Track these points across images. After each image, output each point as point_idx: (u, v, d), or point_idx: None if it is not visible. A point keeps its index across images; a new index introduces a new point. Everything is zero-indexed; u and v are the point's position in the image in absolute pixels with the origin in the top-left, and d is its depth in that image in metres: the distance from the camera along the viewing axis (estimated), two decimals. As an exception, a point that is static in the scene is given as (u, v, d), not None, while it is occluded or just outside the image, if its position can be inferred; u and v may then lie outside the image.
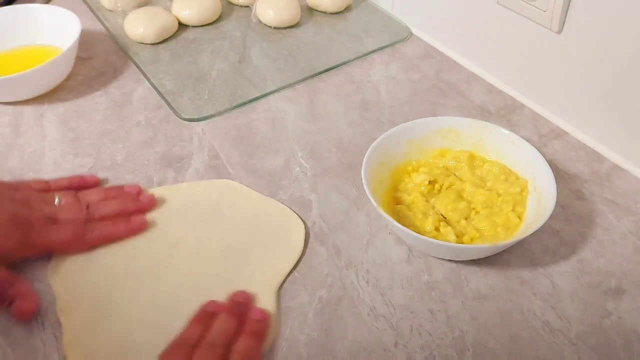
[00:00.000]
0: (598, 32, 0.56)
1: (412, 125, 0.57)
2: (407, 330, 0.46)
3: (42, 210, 0.50)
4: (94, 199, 0.53)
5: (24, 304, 0.46)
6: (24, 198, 0.50)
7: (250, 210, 0.56)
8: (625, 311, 0.47)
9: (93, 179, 0.57)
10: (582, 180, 0.58)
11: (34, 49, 0.74)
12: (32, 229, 0.48)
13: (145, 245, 0.52)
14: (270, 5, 0.80)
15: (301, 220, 0.54)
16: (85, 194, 0.54)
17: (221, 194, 0.57)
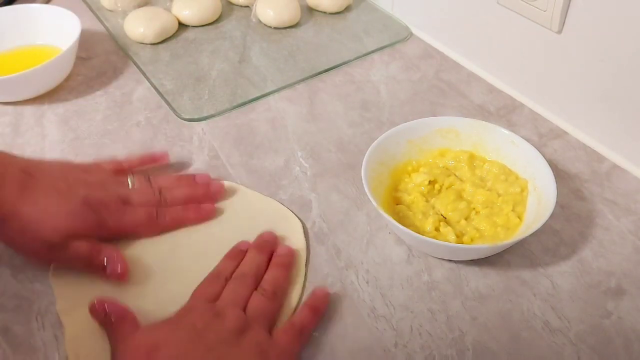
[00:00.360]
0: (598, 32, 0.56)
1: (412, 125, 0.57)
2: (407, 330, 0.46)
3: (117, 192, 0.51)
4: (165, 185, 0.54)
5: (117, 266, 0.48)
6: (98, 180, 0.51)
7: (250, 210, 0.56)
8: (625, 311, 0.47)
9: (164, 155, 0.59)
10: (582, 180, 0.58)
11: (34, 49, 0.74)
12: (107, 211, 0.49)
13: (148, 246, 0.52)
14: (270, 5, 0.80)
15: (299, 221, 0.54)
16: (157, 179, 0.55)
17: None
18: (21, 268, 0.51)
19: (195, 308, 0.44)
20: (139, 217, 0.51)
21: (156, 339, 0.41)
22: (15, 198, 0.46)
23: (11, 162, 0.48)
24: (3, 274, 0.50)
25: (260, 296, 0.46)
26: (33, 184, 0.47)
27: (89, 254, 0.48)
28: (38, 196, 0.47)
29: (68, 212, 0.47)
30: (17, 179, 0.47)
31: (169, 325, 0.42)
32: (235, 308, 0.44)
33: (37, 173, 0.48)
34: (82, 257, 0.48)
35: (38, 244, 0.47)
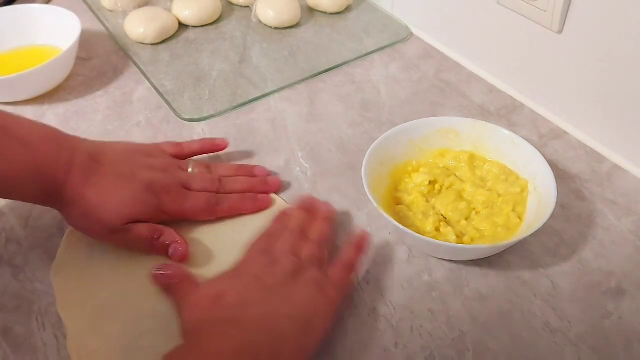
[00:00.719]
0: (598, 32, 0.56)
1: (412, 125, 0.57)
2: (407, 330, 0.46)
3: (178, 176, 0.53)
4: (224, 173, 0.56)
5: (178, 248, 0.50)
6: (159, 164, 0.53)
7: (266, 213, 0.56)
8: (625, 311, 0.47)
9: (223, 143, 0.60)
10: (582, 180, 0.58)
11: (34, 49, 0.74)
12: (168, 196, 0.51)
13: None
14: (270, 5, 0.80)
15: None
16: (216, 167, 0.57)
17: None
18: (21, 268, 0.51)
19: (251, 258, 0.47)
20: (198, 202, 0.52)
21: (219, 289, 0.43)
22: (81, 183, 0.47)
23: (79, 147, 0.49)
24: (3, 274, 0.50)
25: (309, 244, 0.48)
26: (98, 169, 0.49)
27: (150, 236, 0.49)
28: (102, 182, 0.48)
29: (130, 197, 0.49)
30: (84, 164, 0.48)
31: (228, 276, 0.45)
32: (289, 254, 0.46)
33: (103, 158, 0.50)
34: (144, 240, 0.49)
35: (100, 228, 0.48)
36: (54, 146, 0.48)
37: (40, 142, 0.47)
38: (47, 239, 0.53)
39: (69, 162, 0.47)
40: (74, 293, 0.49)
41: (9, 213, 0.56)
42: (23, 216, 0.55)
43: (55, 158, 0.47)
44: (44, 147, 0.47)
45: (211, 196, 0.53)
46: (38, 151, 0.46)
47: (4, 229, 0.54)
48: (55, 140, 0.48)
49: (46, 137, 0.48)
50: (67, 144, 0.49)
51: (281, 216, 0.52)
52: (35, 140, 0.47)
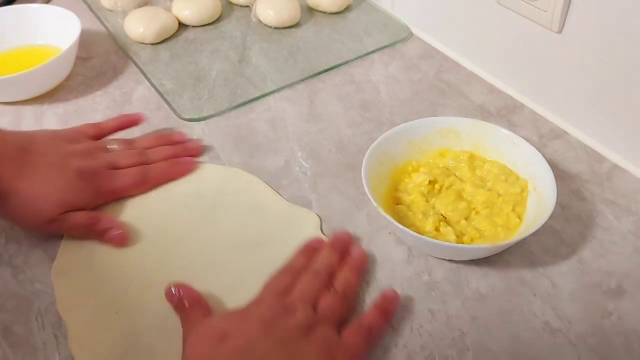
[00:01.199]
0: (598, 32, 0.56)
1: (412, 125, 0.57)
2: (407, 330, 0.46)
3: (104, 158, 0.54)
4: (146, 145, 0.58)
5: (114, 232, 0.51)
6: (84, 149, 0.54)
7: (258, 202, 0.56)
8: (626, 311, 0.47)
9: (138, 116, 0.61)
10: (582, 180, 0.58)
11: (34, 49, 0.74)
12: (99, 179, 0.52)
13: (152, 239, 0.52)
14: (270, 5, 0.80)
15: (314, 213, 0.55)
16: (137, 141, 0.59)
17: (226, 182, 0.58)
18: (21, 268, 0.51)
19: (266, 300, 0.44)
20: (129, 179, 0.54)
21: (226, 328, 0.41)
22: (13, 175, 0.48)
23: (7, 139, 0.50)
24: (3, 274, 0.50)
25: (331, 296, 0.45)
26: (29, 160, 0.49)
27: (87, 223, 0.51)
28: (35, 172, 0.49)
29: (65, 186, 0.50)
30: (14, 156, 0.48)
31: (239, 315, 0.43)
32: (306, 304, 0.44)
33: (32, 148, 0.50)
34: (81, 227, 0.51)
35: (37, 219, 0.49)
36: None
37: None
38: (47, 239, 0.53)
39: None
40: (74, 293, 0.48)
41: (9, 213, 0.56)
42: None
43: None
44: None
45: (139, 169, 0.55)
46: None
47: (4, 229, 0.54)
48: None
49: None
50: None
51: (308, 249, 0.50)
52: None
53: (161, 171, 0.56)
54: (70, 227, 0.51)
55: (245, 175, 0.59)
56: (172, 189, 0.57)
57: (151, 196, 0.56)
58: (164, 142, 0.60)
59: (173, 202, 0.56)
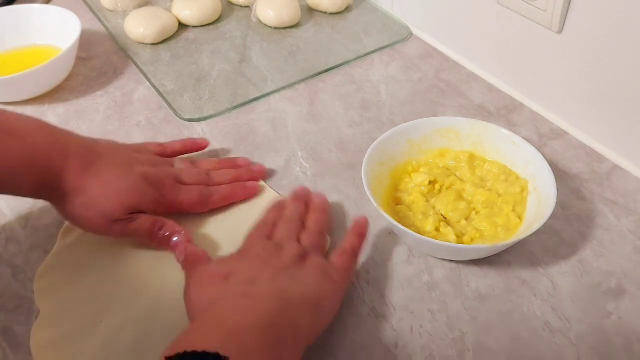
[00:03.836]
0: (598, 32, 0.56)
1: (412, 125, 0.57)
2: (407, 330, 0.46)
3: (169, 171, 0.53)
4: (210, 167, 0.57)
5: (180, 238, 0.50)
6: (149, 159, 0.53)
7: (256, 201, 0.56)
8: (625, 311, 0.47)
9: (204, 142, 0.60)
10: (582, 180, 0.58)
11: (34, 49, 0.74)
12: (164, 188, 0.51)
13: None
14: (270, 5, 0.80)
15: None
16: (201, 162, 0.57)
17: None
18: (21, 268, 0.51)
19: (256, 243, 0.47)
20: (192, 195, 0.53)
21: (228, 268, 0.44)
22: (81, 172, 0.47)
23: (73, 138, 0.49)
24: (3, 274, 0.50)
25: (309, 233, 0.49)
26: (95, 159, 0.48)
27: (152, 227, 0.49)
28: (101, 171, 0.48)
29: (130, 187, 0.49)
30: (80, 155, 0.47)
31: (233, 258, 0.46)
32: (291, 240, 0.47)
33: (98, 148, 0.49)
34: (145, 231, 0.49)
35: (101, 218, 0.48)
36: (47, 136, 0.47)
37: (33, 133, 0.46)
38: (47, 239, 0.53)
39: (64, 151, 0.47)
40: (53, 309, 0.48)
41: (9, 213, 0.56)
42: (23, 216, 0.55)
43: (49, 148, 0.46)
44: (37, 138, 0.46)
45: (203, 188, 0.54)
46: (31, 142, 0.45)
47: (4, 229, 0.54)
48: (47, 131, 0.47)
49: (38, 127, 0.47)
50: (60, 134, 0.48)
51: (276, 206, 0.52)
52: (27, 131, 0.46)
53: (224, 193, 0.55)
54: (135, 229, 0.49)
55: None
56: None
57: None
58: (227, 165, 0.58)
59: None
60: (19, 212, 0.56)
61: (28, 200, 0.57)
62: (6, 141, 0.44)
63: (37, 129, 0.47)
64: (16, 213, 0.56)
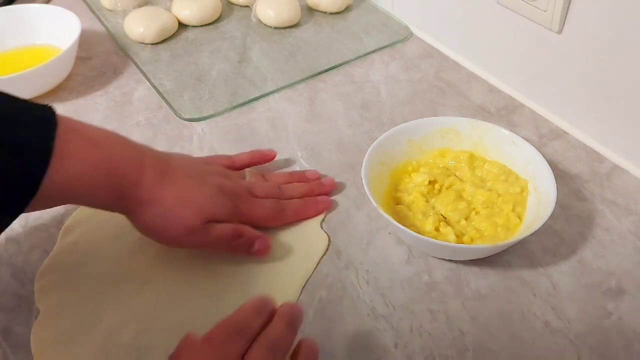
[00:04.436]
0: (598, 32, 0.56)
1: (412, 125, 0.57)
2: (407, 330, 0.46)
3: (242, 183, 0.53)
4: (281, 181, 0.56)
5: (263, 242, 0.50)
6: (222, 172, 0.53)
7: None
8: (626, 311, 0.47)
9: (272, 153, 0.59)
10: (582, 180, 0.58)
11: (34, 49, 0.74)
12: (239, 200, 0.50)
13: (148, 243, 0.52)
14: (270, 5, 0.80)
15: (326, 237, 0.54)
16: (271, 176, 0.57)
17: None
18: (21, 268, 0.51)
19: None
20: (266, 210, 0.52)
21: None
22: (156, 183, 0.46)
23: (147, 150, 0.48)
24: (3, 274, 0.50)
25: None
26: (170, 171, 0.47)
27: (233, 235, 0.49)
28: (176, 182, 0.47)
29: (206, 197, 0.48)
30: (155, 166, 0.47)
31: None
32: None
33: (171, 160, 0.49)
34: (227, 240, 0.49)
35: (179, 228, 0.47)
36: (123, 146, 0.46)
37: (109, 143, 0.45)
38: (47, 239, 0.53)
39: (140, 162, 0.46)
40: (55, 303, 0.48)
41: (9, 213, 0.56)
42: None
43: (126, 158, 0.45)
44: (114, 148, 0.45)
45: (276, 203, 0.53)
46: (109, 151, 0.44)
47: (4, 229, 0.54)
48: (123, 141, 0.47)
49: (114, 137, 0.46)
50: (135, 146, 0.47)
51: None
52: (104, 140, 0.45)
53: (297, 208, 0.54)
54: (216, 238, 0.48)
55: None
56: None
57: None
58: (297, 179, 0.57)
59: None
60: (19, 212, 0.56)
61: (28, 200, 0.57)
62: (85, 149, 0.43)
63: (113, 139, 0.46)
64: (16, 213, 0.56)
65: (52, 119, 0.41)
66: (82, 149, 0.42)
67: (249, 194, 0.52)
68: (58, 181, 0.41)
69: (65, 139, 0.41)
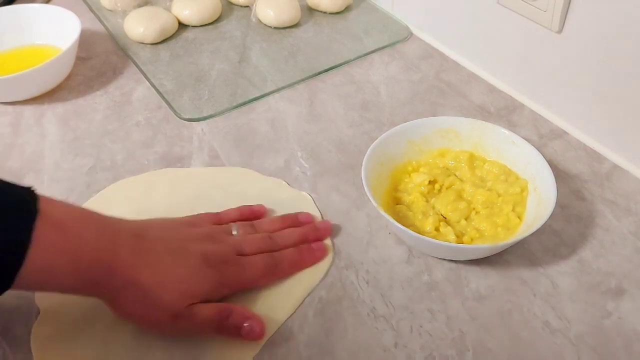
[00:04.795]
0: (598, 32, 0.56)
1: (412, 125, 0.57)
2: (407, 330, 0.46)
3: (230, 243, 0.48)
4: (271, 228, 0.51)
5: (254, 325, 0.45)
6: (207, 233, 0.48)
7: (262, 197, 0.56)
8: (625, 311, 0.47)
9: (262, 209, 0.54)
10: (582, 180, 0.58)
11: (34, 49, 0.74)
12: (226, 267, 0.46)
13: None
14: (270, 5, 0.80)
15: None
16: (261, 224, 0.52)
17: (232, 181, 0.58)
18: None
19: None
20: (258, 269, 0.48)
21: None
22: (133, 265, 0.42)
23: (121, 227, 0.44)
24: (3, 274, 0.50)
25: None
26: (147, 247, 0.44)
27: (219, 317, 0.44)
28: (155, 260, 0.43)
29: (190, 274, 0.44)
30: (131, 244, 0.43)
31: None
32: None
33: (149, 234, 0.45)
34: (212, 323, 0.44)
35: (161, 314, 0.43)
36: (93, 228, 0.42)
37: (78, 225, 0.41)
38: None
39: (113, 243, 0.42)
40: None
41: (9, 213, 0.56)
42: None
43: (96, 240, 0.41)
44: (83, 230, 0.41)
45: (268, 258, 0.48)
46: (77, 234, 0.40)
47: (3, 229, 0.54)
48: (94, 222, 0.42)
49: (83, 218, 0.42)
50: (108, 224, 0.43)
51: None
52: (73, 223, 0.41)
53: (292, 260, 0.49)
54: (200, 323, 0.44)
55: (250, 173, 0.60)
56: (177, 192, 0.57)
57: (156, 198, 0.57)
58: (290, 224, 0.52)
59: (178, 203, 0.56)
60: (18, 212, 0.56)
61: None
62: (50, 235, 0.39)
63: (83, 220, 0.42)
64: (16, 213, 0.56)
65: (32, 207, 0.38)
66: (47, 235, 0.39)
67: (238, 253, 0.47)
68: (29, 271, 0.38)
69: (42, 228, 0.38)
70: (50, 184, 0.59)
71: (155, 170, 0.60)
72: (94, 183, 0.59)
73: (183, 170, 0.60)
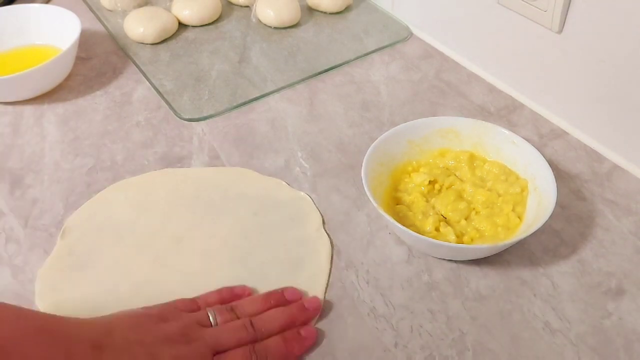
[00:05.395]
0: (598, 32, 0.56)
1: (412, 125, 0.57)
2: (407, 330, 0.46)
3: (205, 342, 0.43)
4: (254, 311, 0.46)
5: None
6: (179, 330, 0.43)
7: (262, 198, 0.56)
8: (626, 311, 0.47)
9: (245, 291, 0.48)
10: (582, 180, 0.58)
11: (34, 49, 0.74)
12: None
13: (149, 239, 0.52)
14: (270, 5, 0.80)
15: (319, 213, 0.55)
16: (243, 306, 0.46)
17: (232, 182, 0.58)
18: (21, 268, 0.51)
19: None
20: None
21: None
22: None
23: (78, 336, 0.39)
24: (3, 274, 0.50)
25: None
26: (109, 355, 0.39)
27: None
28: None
29: None
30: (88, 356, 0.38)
31: None
32: None
33: (110, 341, 0.40)
34: None
35: None
36: (44, 343, 0.37)
37: (27, 342, 0.36)
38: (47, 239, 0.53)
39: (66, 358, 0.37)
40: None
41: (9, 213, 0.56)
42: (23, 216, 0.55)
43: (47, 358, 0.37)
44: (29, 350, 0.36)
45: (249, 352, 0.43)
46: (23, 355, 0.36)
47: (4, 229, 0.54)
48: (46, 334, 0.38)
49: (34, 331, 0.37)
50: (62, 335, 0.39)
51: None
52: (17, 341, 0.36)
53: (277, 354, 0.43)
54: None
55: (250, 173, 0.59)
56: (177, 192, 0.57)
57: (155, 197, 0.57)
58: (275, 303, 0.47)
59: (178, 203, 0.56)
60: (19, 212, 0.56)
61: (28, 200, 0.57)
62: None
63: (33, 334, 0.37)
64: (16, 213, 0.56)
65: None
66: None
67: (215, 351, 0.42)
68: None
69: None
70: (50, 184, 0.59)
71: (155, 171, 0.60)
72: (94, 183, 0.59)
73: (183, 171, 0.60)
